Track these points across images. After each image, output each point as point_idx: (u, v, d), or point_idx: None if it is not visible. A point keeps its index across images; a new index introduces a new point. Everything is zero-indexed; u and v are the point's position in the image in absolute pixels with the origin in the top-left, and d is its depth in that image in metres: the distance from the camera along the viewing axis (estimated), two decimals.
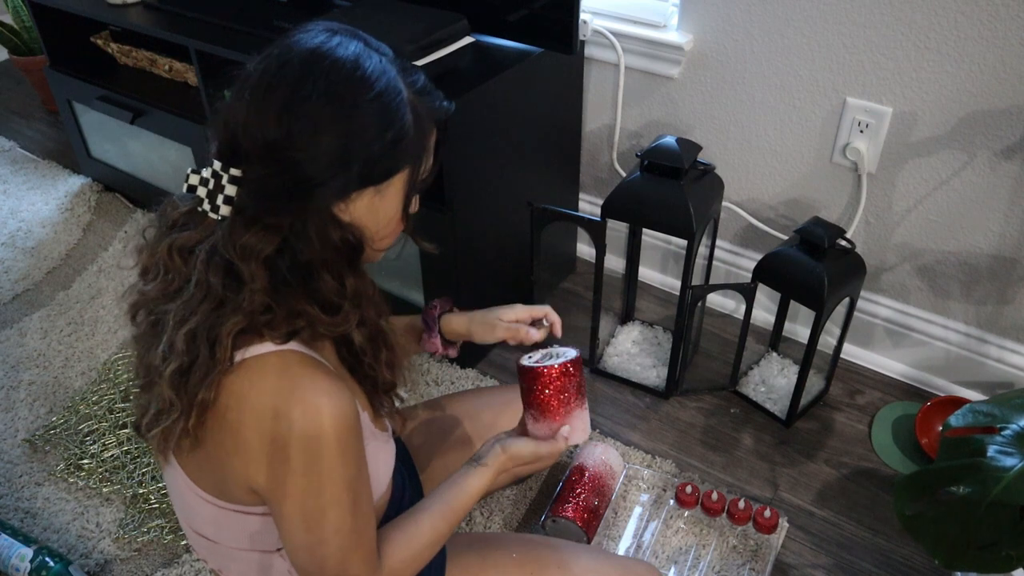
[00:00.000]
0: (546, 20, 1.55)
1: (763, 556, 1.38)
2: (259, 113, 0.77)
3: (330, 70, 0.78)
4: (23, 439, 1.63)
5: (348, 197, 0.82)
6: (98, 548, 1.42)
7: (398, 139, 0.81)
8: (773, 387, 1.68)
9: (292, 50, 0.79)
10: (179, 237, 0.83)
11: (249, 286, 0.79)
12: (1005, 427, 1.01)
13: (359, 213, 0.84)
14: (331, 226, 0.81)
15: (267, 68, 0.79)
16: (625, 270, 1.81)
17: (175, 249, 0.83)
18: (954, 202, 1.50)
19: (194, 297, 0.80)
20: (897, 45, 1.42)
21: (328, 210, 0.81)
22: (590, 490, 1.39)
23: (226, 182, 0.79)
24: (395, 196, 0.86)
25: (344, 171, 0.79)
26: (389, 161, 0.82)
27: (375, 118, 0.79)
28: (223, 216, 0.80)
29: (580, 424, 1.03)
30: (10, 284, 2.04)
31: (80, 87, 2.14)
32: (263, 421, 0.79)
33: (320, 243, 0.81)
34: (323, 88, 0.77)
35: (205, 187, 0.80)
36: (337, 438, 0.80)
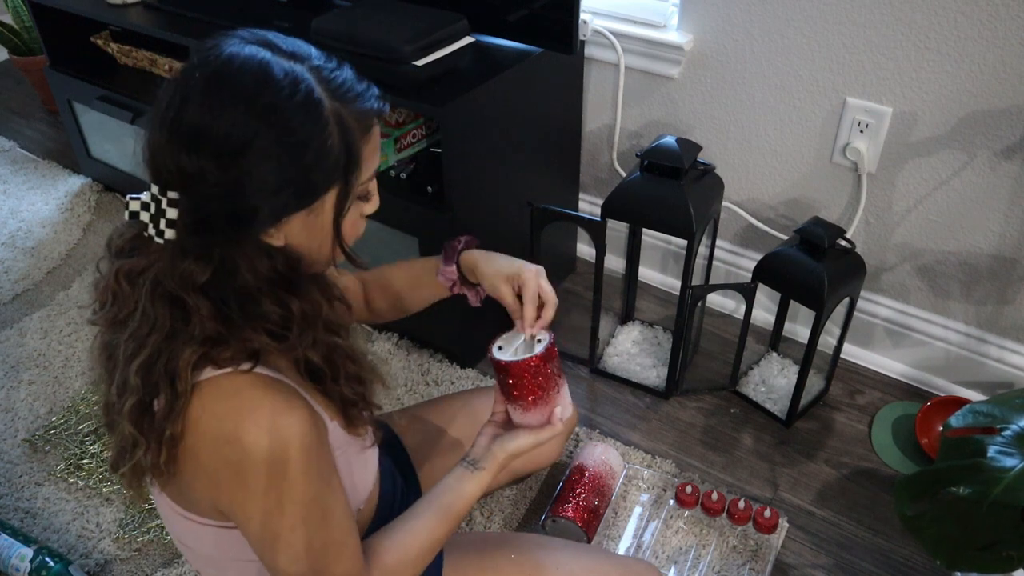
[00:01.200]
0: (546, 20, 1.55)
1: (763, 556, 1.38)
2: (169, 144, 0.74)
3: (235, 92, 0.73)
4: (23, 439, 1.63)
5: (275, 224, 0.78)
6: (98, 548, 1.42)
7: (321, 157, 0.76)
8: (773, 387, 1.68)
9: (195, 74, 0.74)
10: (126, 263, 0.80)
11: (196, 315, 0.77)
12: (1005, 427, 1.01)
13: (293, 235, 0.80)
14: (259, 256, 0.78)
15: (173, 94, 0.74)
16: (625, 270, 1.81)
17: (122, 275, 0.80)
18: (954, 202, 1.50)
19: (141, 328, 0.78)
20: (897, 45, 1.42)
21: (255, 240, 0.78)
22: (590, 490, 1.39)
23: (166, 205, 0.75)
24: (328, 213, 0.81)
25: (267, 200, 0.75)
26: (314, 181, 0.77)
27: (293, 139, 0.74)
28: (168, 239, 0.76)
29: (566, 400, 1.01)
30: (10, 284, 2.04)
31: (80, 87, 2.14)
32: (218, 446, 0.77)
33: (251, 273, 0.78)
34: (230, 113, 0.72)
35: (147, 211, 0.76)
36: (296, 457, 0.78)
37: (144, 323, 0.78)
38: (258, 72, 0.74)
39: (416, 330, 1.82)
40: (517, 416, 1.00)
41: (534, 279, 1.00)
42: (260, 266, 0.78)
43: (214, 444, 0.77)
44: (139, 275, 0.79)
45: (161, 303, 0.77)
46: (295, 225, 0.79)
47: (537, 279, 1.01)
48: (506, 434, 0.99)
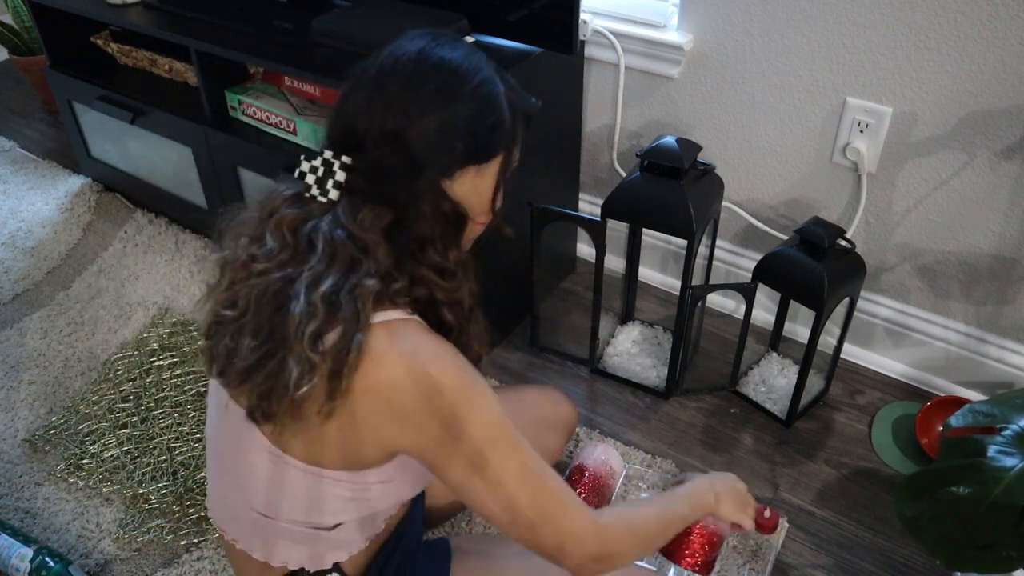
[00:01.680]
0: (546, 20, 1.55)
1: (763, 556, 1.38)
2: (377, 105, 0.86)
3: (438, 65, 0.88)
4: (23, 439, 1.63)
5: (453, 174, 0.89)
6: (98, 548, 1.42)
7: (497, 124, 0.90)
8: (773, 387, 1.68)
9: (403, 50, 0.89)
10: (288, 214, 0.88)
11: (373, 253, 0.85)
12: (1005, 427, 1.01)
13: (462, 191, 0.91)
14: (442, 199, 0.89)
15: (382, 66, 0.88)
16: (625, 270, 1.81)
17: (284, 223, 0.88)
18: (954, 202, 1.50)
19: (322, 261, 0.85)
20: (897, 45, 1.42)
21: (437, 185, 0.88)
22: (590, 490, 1.39)
23: (337, 168, 0.86)
24: (491, 177, 0.93)
25: (449, 151, 0.87)
26: (489, 143, 0.90)
27: (478, 105, 0.88)
28: (332, 199, 0.87)
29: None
30: (10, 284, 2.04)
31: (80, 87, 2.14)
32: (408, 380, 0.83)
33: (432, 215, 0.88)
34: (433, 80, 0.87)
35: (314, 175, 0.87)
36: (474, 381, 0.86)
37: (325, 256, 0.85)
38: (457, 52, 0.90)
39: None
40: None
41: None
42: (443, 206, 0.89)
43: (403, 381, 0.83)
44: (301, 225, 0.87)
45: (340, 240, 0.85)
46: (465, 181, 0.91)
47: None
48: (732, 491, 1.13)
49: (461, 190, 0.91)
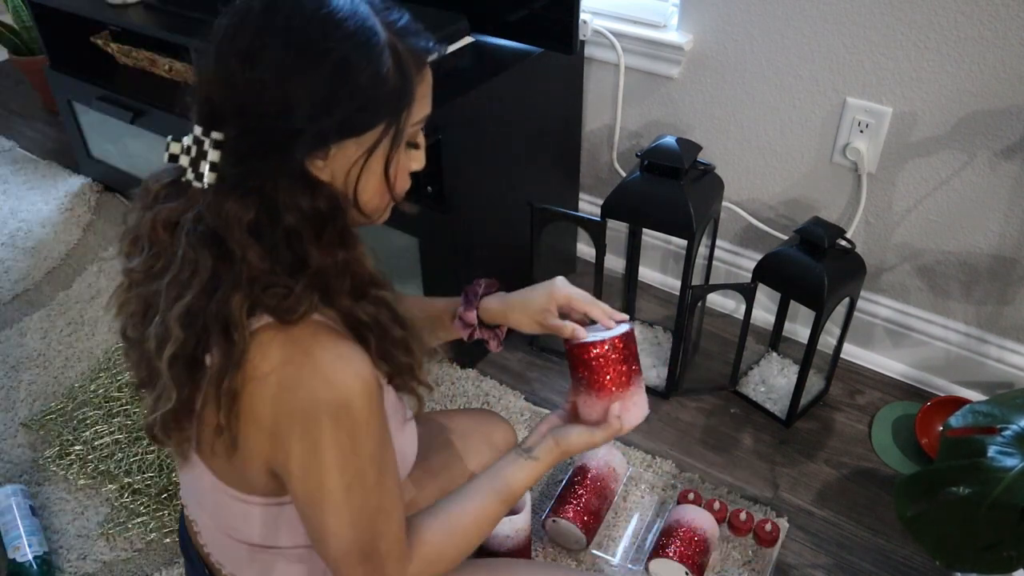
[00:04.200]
0: (546, 20, 1.55)
1: (763, 557, 1.38)
2: (225, 67, 0.73)
3: (293, 13, 0.73)
4: (20, 423, 1.65)
5: (326, 151, 0.76)
6: (97, 547, 1.42)
7: (376, 84, 0.75)
8: (773, 387, 1.68)
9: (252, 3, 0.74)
10: (163, 209, 0.78)
11: (240, 257, 0.74)
12: (1005, 427, 1.01)
13: (339, 169, 0.78)
14: (301, 190, 0.75)
15: (230, 21, 0.74)
16: (625, 270, 1.81)
17: (159, 222, 0.78)
18: (954, 202, 1.50)
19: (183, 272, 0.75)
20: (897, 45, 1.42)
21: (301, 169, 0.75)
22: (592, 492, 1.39)
23: (208, 147, 0.74)
24: (381, 150, 0.78)
25: (316, 121, 0.73)
26: (366, 109, 0.75)
27: (344, 62, 0.73)
28: (208, 183, 0.75)
29: (634, 405, 0.94)
30: (10, 284, 2.04)
31: (80, 87, 2.14)
32: (280, 395, 0.74)
33: (294, 210, 0.75)
34: (286, 33, 0.72)
35: (187, 155, 0.76)
36: (361, 407, 0.75)
37: (185, 267, 0.75)
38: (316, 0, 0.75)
39: None
40: (581, 407, 0.95)
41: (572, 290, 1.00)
42: (302, 201, 0.75)
43: (276, 392, 0.74)
44: (177, 221, 0.77)
45: (202, 245, 0.75)
46: (342, 160, 0.77)
47: (571, 287, 1.00)
48: (564, 427, 0.95)
49: (338, 170, 0.78)
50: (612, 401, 0.92)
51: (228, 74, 0.73)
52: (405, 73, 0.77)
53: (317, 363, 0.74)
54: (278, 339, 0.75)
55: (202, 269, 0.75)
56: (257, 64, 0.72)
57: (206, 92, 0.75)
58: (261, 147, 0.74)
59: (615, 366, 0.92)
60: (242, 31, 0.73)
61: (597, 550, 1.39)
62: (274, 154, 0.74)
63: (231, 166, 0.74)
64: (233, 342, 0.73)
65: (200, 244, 0.75)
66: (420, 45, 0.79)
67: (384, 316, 0.82)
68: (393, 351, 0.82)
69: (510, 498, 0.92)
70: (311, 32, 0.73)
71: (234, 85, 0.73)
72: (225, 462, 0.82)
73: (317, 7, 0.73)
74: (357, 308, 0.80)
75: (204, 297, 0.75)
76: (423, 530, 0.87)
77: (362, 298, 0.80)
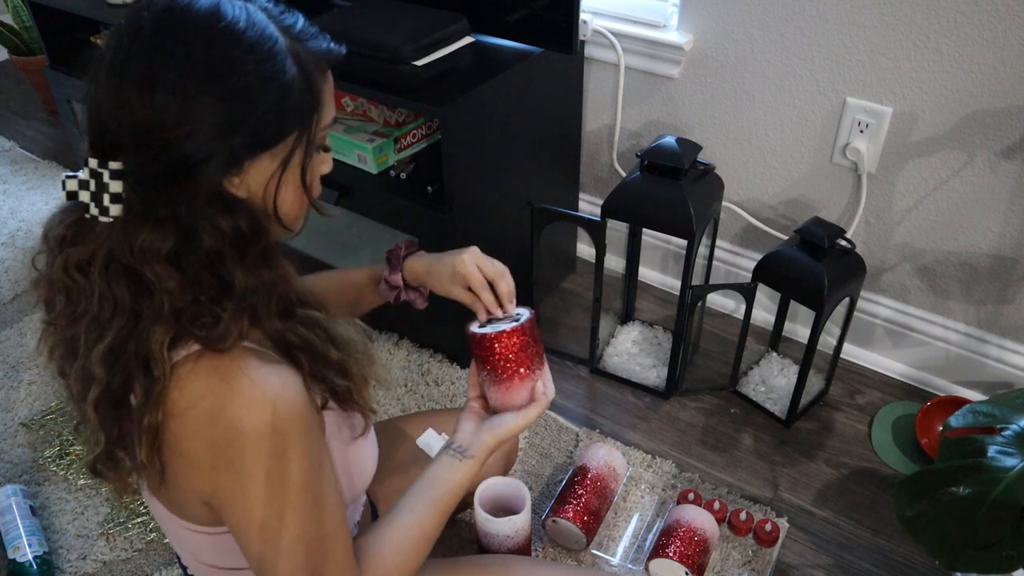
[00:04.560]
0: (546, 20, 1.55)
1: (763, 557, 1.38)
2: (119, 94, 0.68)
3: (187, 30, 0.69)
4: (20, 423, 1.65)
5: (240, 169, 0.73)
6: (97, 547, 1.42)
7: (283, 95, 0.72)
8: (773, 387, 1.68)
9: (143, 15, 0.70)
10: (72, 252, 0.73)
11: (160, 289, 0.71)
12: (1005, 427, 1.01)
13: (256, 185, 0.75)
14: (221, 212, 0.72)
15: (120, 42, 0.70)
16: (625, 270, 1.81)
17: (71, 265, 0.73)
18: (954, 202, 1.50)
19: (102, 313, 0.72)
20: (897, 45, 1.42)
21: (217, 191, 0.72)
22: (592, 492, 1.39)
23: (108, 178, 0.70)
24: (296, 159, 0.76)
25: (226, 141, 0.70)
26: (276, 121, 0.73)
27: (249, 76, 0.70)
28: (114, 216, 0.71)
29: (548, 379, 0.96)
30: (10, 284, 2.05)
31: (80, 87, 2.13)
32: (202, 427, 0.72)
33: (214, 233, 0.72)
34: (184, 53, 0.68)
35: (87, 190, 0.70)
36: (289, 431, 0.73)
37: (104, 307, 0.72)
38: (209, 8, 0.70)
39: (416, 330, 1.82)
40: (499, 397, 0.95)
41: (471, 269, 0.97)
42: (222, 223, 0.72)
43: (197, 426, 0.72)
44: (89, 261, 0.73)
45: (118, 282, 0.72)
46: (257, 175, 0.75)
47: (472, 266, 0.98)
48: (494, 418, 0.94)
49: (254, 186, 0.75)
50: (535, 381, 0.94)
51: (124, 101, 0.68)
52: (310, 79, 0.75)
53: (238, 390, 0.71)
54: (197, 371, 0.72)
55: (121, 306, 0.72)
56: (156, 88, 0.68)
57: (100, 121, 0.70)
58: (170, 173, 0.70)
59: (532, 348, 0.94)
60: (135, 54, 0.69)
61: (597, 550, 1.39)
62: (185, 179, 0.70)
63: (139, 196, 0.70)
64: (154, 378, 0.71)
65: (116, 281, 0.72)
66: (322, 48, 0.77)
67: (316, 337, 0.79)
68: (327, 373, 0.80)
69: (453, 502, 0.91)
70: (209, 49, 0.69)
71: (132, 112, 0.68)
72: (167, 494, 0.81)
73: (212, 22, 0.70)
74: (287, 330, 0.78)
75: (125, 334, 0.72)
76: (372, 552, 0.85)
77: (290, 318, 0.78)
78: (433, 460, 0.93)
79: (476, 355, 0.95)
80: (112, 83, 0.69)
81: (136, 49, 0.69)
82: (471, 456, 0.91)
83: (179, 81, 0.68)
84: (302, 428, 0.74)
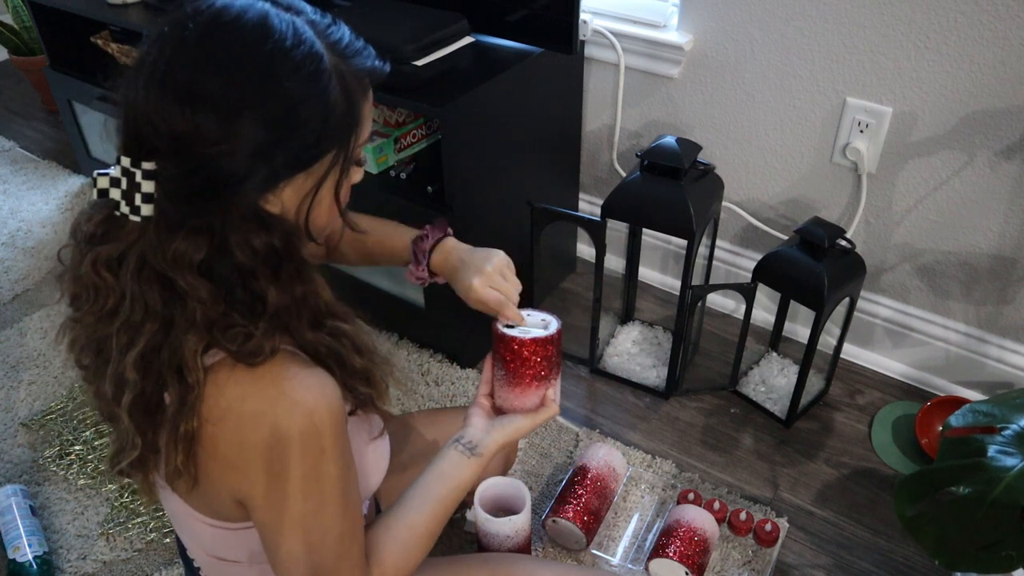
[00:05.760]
0: (546, 20, 1.55)
1: (763, 557, 1.38)
2: (159, 102, 0.67)
3: (234, 44, 0.67)
4: (20, 423, 1.65)
5: (274, 189, 0.73)
6: (97, 547, 1.42)
7: (325, 116, 0.72)
8: (773, 387, 1.68)
9: (187, 24, 0.68)
10: (102, 250, 0.73)
11: (192, 298, 0.71)
12: (1005, 427, 1.01)
13: (289, 202, 0.75)
14: (254, 228, 0.72)
15: (162, 48, 0.68)
16: (625, 270, 1.81)
17: (100, 263, 0.73)
18: (954, 202, 1.50)
19: (133, 316, 0.72)
20: (897, 45, 1.42)
21: (253, 208, 0.72)
22: (592, 492, 1.39)
23: (140, 178, 0.69)
24: (331, 179, 0.76)
25: (266, 161, 0.69)
26: (317, 141, 0.72)
27: (294, 98, 0.69)
28: (145, 216, 0.70)
29: (559, 388, 1.00)
30: (10, 284, 2.04)
31: (80, 87, 2.14)
32: (244, 428, 0.72)
33: (246, 248, 0.71)
34: (229, 67, 0.67)
35: (118, 187, 0.70)
36: (330, 432, 0.74)
37: (136, 310, 0.72)
38: (257, 22, 0.69)
39: (416, 330, 1.82)
40: (510, 398, 0.95)
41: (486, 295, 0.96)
42: (255, 240, 0.71)
43: (238, 428, 0.72)
44: (119, 260, 0.73)
45: (151, 286, 0.71)
46: (292, 192, 0.74)
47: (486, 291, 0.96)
48: (504, 418, 0.95)
49: (288, 202, 0.75)
50: (549, 388, 0.96)
51: (163, 111, 0.67)
52: (351, 98, 0.74)
53: (282, 392, 0.72)
54: (236, 374, 0.72)
55: (152, 311, 0.71)
56: (198, 103, 0.67)
57: (136, 126, 0.69)
58: (208, 188, 0.69)
59: (555, 358, 0.96)
60: (178, 64, 0.67)
61: (597, 550, 1.39)
62: (222, 194, 0.70)
63: (174, 204, 0.70)
64: (188, 385, 0.71)
65: (148, 285, 0.71)
66: (366, 66, 0.76)
67: (344, 347, 0.80)
68: (353, 382, 0.81)
69: (458, 499, 0.92)
70: (255, 67, 0.68)
71: (171, 123, 0.67)
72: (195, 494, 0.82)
73: (260, 37, 0.68)
74: (316, 341, 0.78)
75: (158, 340, 0.72)
76: (380, 548, 0.86)
77: (320, 329, 0.78)
78: (440, 454, 0.93)
79: (498, 353, 0.95)
80: (152, 92, 0.68)
81: (179, 58, 0.68)
82: (479, 454, 0.92)
83: (222, 98, 0.67)
84: (340, 431, 0.76)
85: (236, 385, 0.72)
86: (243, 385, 0.72)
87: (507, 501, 1.27)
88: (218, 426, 0.73)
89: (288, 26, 0.70)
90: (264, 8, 0.70)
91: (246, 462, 0.74)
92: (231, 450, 0.74)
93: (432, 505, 0.90)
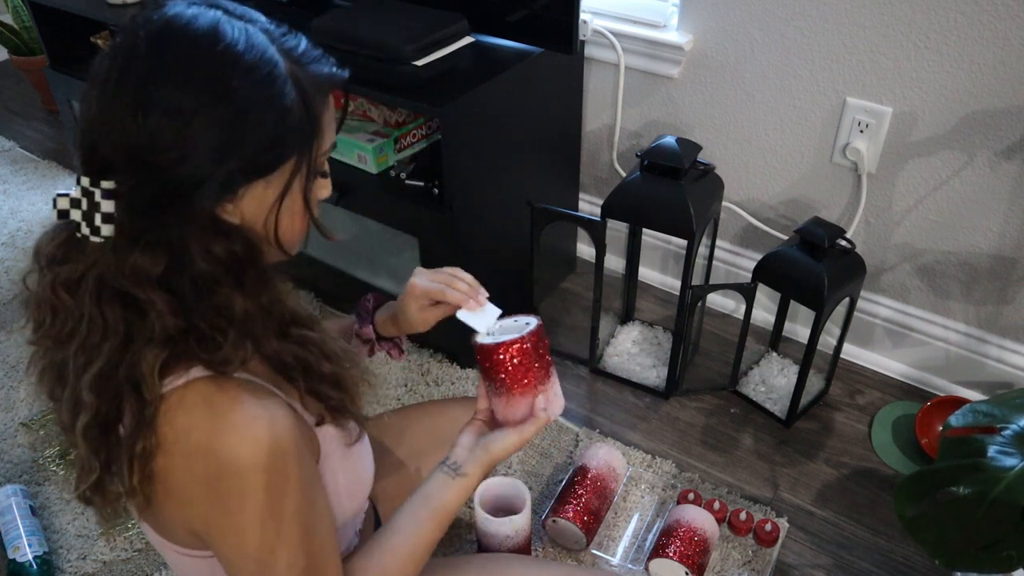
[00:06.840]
0: (546, 20, 1.55)
1: (763, 557, 1.38)
2: (112, 114, 0.67)
3: (185, 50, 0.67)
4: (20, 423, 1.64)
5: (233, 195, 0.71)
6: (97, 547, 1.42)
7: (281, 119, 0.70)
8: (773, 387, 1.68)
9: (139, 34, 0.68)
10: (61, 271, 0.72)
11: (153, 313, 0.69)
12: (1005, 427, 1.01)
13: (250, 211, 0.73)
14: (214, 237, 0.70)
15: (114, 59, 0.68)
16: (625, 270, 1.81)
17: (59, 284, 0.72)
18: (954, 202, 1.50)
19: (91, 337, 0.71)
20: (897, 45, 1.42)
21: (211, 216, 0.71)
22: (592, 492, 1.39)
23: (100, 198, 0.68)
24: (296, 186, 0.75)
25: (221, 167, 0.68)
26: (274, 147, 0.71)
27: (247, 100, 0.68)
28: (105, 236, 0.69)
29: (554, 395, 0.93)
30: (10, 284, 2.05)
31: (80, 87, 2.13)
32: (190, 460, 0.70)
33: (206, 257, 0.70)
34: (179, 74, 0.66)
35: (78, 208, 0.69)
36: (283, 464, 0.71)
37: (94, 330, 0.71)
38: (208, 28, 0.68)
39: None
40: (501, 410, 0.92)
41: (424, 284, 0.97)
42: (216, 248, 0.70)
43: (186, 460, 0.70)
44: (79, 281, 0.72)
45: (110, 304, 0.70)
46: (252, 201, 0.73)
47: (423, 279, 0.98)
48: (490, 434, 0.91)
49: (248, 212, 0.73)
50: (536, 396, 0.91)
51: (117, 122, 0.67)
52: (310, 104, 0.73)
53: (231, 424, 0.70)
54: (185, 403, 0.71)
55: (113, 330, 0.70)
56: (150, 111, 0.66)
57: (91, 140, 0.69)
58: (162, 198, 0.68)
59: (536, 361, 0.90)
60: (129, 73, 0.67)
61: (597, 550, 1.39)
62: (178, 204, 0.69)
63: (131, 219, 0.69)
64: (145, 401, 0.70)
65: (108, 304, 0.70)
66: (323, 72, 0.75)
67: (310, 355, 0.78)
68: (322, 388, 0.79)
69: (445, 521, 0.89)
70: (206, 71, 0.67)
71: (124, 133, 0.67)
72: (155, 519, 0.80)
73: (210, 43, 0.68)
74: (282, 350, 0.76)
75: (115, 358, 0.70)
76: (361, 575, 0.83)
77: (286, 338, 0.77)
78: (428, 477, 0.91)
79: (480, 366, 0.92)
80: (104, 102, 0.67)
81: (130, 67, 0.67)
82: (463, 474, 0.89)
83: (174, 103, 0.66)
84: (294, 460, 0.73)
85: (185, 416, 0.70)
86: (191, 416, 0.70)
87: (507, 501, 1.27)
88: (168, 456, 0.71)
89: (240, 32, 0.69)
90: (215, 16, 0.70)
91: (195, 496, 0.72)
92: (181, 482, 0.72)
93: (416, 528, 0.87)
